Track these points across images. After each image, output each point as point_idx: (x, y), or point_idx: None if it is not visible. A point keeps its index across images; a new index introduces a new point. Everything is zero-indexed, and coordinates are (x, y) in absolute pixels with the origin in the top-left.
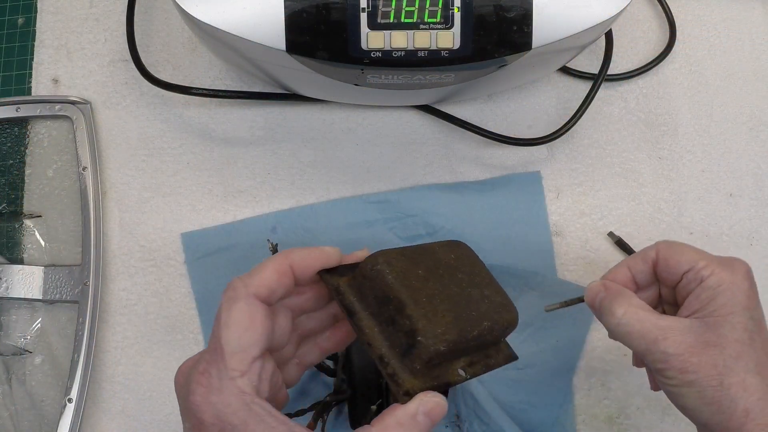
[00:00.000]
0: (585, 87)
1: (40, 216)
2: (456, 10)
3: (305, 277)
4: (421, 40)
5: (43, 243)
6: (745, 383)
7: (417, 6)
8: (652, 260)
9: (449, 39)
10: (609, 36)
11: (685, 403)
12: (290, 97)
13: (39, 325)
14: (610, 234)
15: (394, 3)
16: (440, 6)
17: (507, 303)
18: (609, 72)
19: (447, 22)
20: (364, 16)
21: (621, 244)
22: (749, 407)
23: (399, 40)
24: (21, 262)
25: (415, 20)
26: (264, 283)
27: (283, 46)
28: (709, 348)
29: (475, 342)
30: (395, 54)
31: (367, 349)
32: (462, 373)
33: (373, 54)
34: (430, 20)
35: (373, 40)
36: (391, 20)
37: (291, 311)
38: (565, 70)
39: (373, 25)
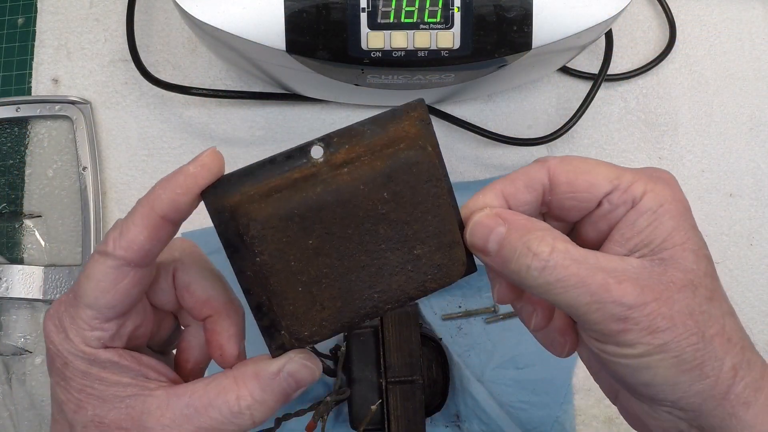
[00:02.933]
0: (585, 87)
1: (40, 216)
2: (456, 10)
3: (185, 210)
4: (421, 40)
5: (43, 243)
6: (726, 330)
7: (417, 6)
8: (543, 186)
9: (449, 39)
10: (609, 36)
11: (653, 379)
12: (290, 97)
13: (39, 325)
14: None
15: (394, 3)
16: (440, 6)
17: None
18: (609, 72)
19: (447, 22)
20: (364, 16)
21: None
22: (736, 362)
23: (399, 40)
24: (21, 262)
25: (415, 20)
26: (133, 246)
27: (283, 46)
28: (679, 291)
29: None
30: (395, 54)
31: (244, 294)
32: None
33: (373, 54)
34: (430, 20)
35: (373, 40)
36: (391, 20)
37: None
38: (565, 70)
39: (373, 25)
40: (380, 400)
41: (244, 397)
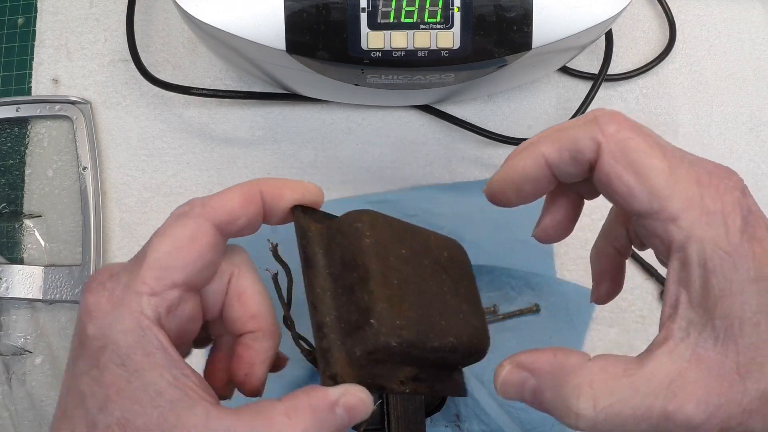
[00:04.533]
0: (585, 87)
1: (40, 216)
2: (456, 10)
3: (276, 209)
4: (421, 40)
5: (43, 243)
6: None
7: (417, 6)
8: (589, 163)
9: (449, 39)
10: (609, 36)
11: None
12: (290, 97)
13: (39, 325)
14: None
15: (394, 3)
16: (440, 6)
17: (482, 328)
18: (609, 72)
19: (447, 22)
20: (364, 16)
21: None
22: None
23: (399, 40)
24: (21, 262)
25: (415, 20)
26: (225, 207)
27: (283, 46)
28: (731, 387)
29: (431, 355)
30: (395, 54)
31: (310, 312)
32: (402, 385)
33: (373, 54)
34: (430, 20)
35: (373, 40)
36: (391, 20)
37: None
38: (565, 70)
39: (373, 25)
40: (380, 400)
41: None
